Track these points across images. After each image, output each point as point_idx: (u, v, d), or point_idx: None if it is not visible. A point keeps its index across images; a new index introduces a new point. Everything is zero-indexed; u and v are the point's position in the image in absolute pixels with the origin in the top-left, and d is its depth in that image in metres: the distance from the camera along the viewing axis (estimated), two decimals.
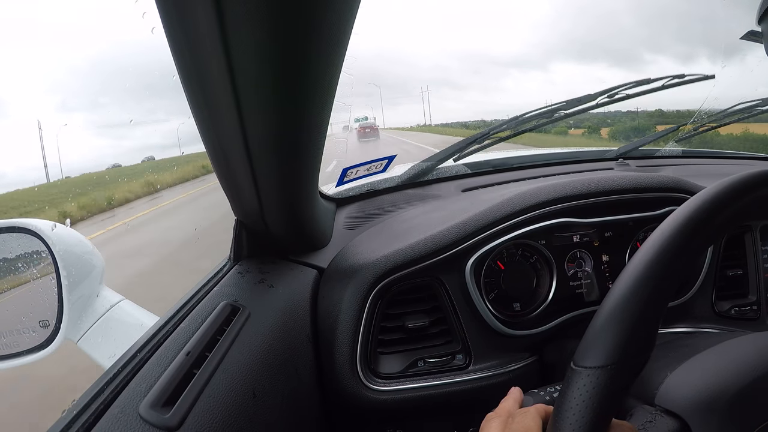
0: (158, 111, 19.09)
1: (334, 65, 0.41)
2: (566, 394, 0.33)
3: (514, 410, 0.49)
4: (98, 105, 41.71)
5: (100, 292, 0.68)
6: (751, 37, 0.86)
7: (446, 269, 0.76)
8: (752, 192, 0.37)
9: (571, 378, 0.33)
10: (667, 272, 0.34)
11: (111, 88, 45.57)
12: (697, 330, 0.81)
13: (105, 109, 38.86)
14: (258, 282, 0.68)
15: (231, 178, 0.58)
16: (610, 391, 0.32)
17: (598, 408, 0.31)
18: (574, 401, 0.32)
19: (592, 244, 0.82)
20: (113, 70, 37.14)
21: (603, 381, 0.32)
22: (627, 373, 0.33)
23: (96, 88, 40.05)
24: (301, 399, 0.64)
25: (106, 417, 0.40)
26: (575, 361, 0.34)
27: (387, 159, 1.00)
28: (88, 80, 40.71)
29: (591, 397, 0.32)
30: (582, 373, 0.33)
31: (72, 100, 44.21)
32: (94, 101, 43.70)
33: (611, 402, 0.32)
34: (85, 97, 43.44)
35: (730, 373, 0.42)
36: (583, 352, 0.34)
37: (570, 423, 0.32)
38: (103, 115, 41.18)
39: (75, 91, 42.85)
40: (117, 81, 51.37)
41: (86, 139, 34.56)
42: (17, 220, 0.64)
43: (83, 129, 37.35)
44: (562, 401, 0.33)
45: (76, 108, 43.86)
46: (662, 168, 1.19)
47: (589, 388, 0.32)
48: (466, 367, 0.76)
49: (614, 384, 0.32)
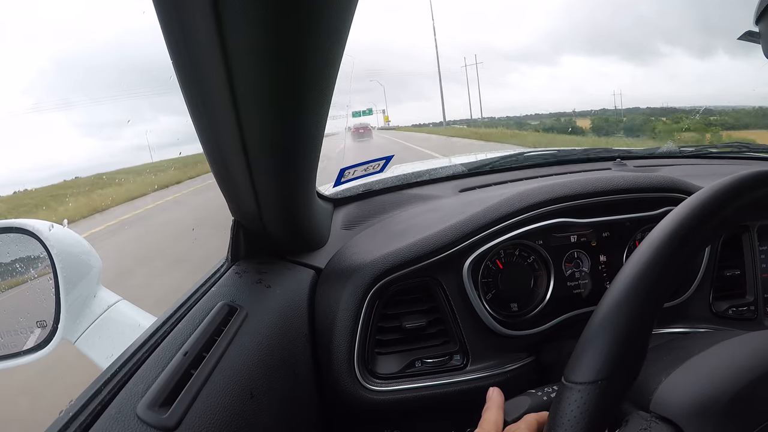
0: (144, 109, 18.99)
1: (331, 65, 0.41)
2: (557, 410, 0.33)
3: (499, 421, 0.47)
4: (71, 104, 40.85)
5: (97, 293, 0.68)
6: (748, 38, 0.87)
7: (444, 269, 0.76)
8: (749, 192, 0.37)
9: (563, 394, 0.33)
10: (665, 271, 0.34)
11: (83, 85, 44.15)
12: (694, 330, 0.81)
13: (85, 109, 38.08)
14: (255, 282, 0.68)
15: (228, 178, 0.58)
16: (601, 407, 0.32)
17: (590, 425, 0.31)
18: (566, 418, 0.32)
19: (590, 244, 0.82)
20: (87, 67, 36.29)
21: (594, 397, 0.32)
22: (618, 388, 0.33)
23: (69, 87, 39.02)
24: (299, 399, 0.64)
25: (103, 417, 0.40)
26: (566, 376, 0.34)
27: (384, 159, 1.01)
28: (58, 79, 39.28)
29: (582, 413, 0.32)
30: (573, 389, 0.33)
31: (46, 100, 43.25)
32: (65, 100, 42.74)
33: (603, 417, 0.32)
34: (57, 95, 42.25)
35: (727, 375, 0.42)
36: (574, 366, 0.34)
37: None
38: (82, 115, 40.40)
39: (48, 90, 41.44)
40: (90, 79, 50.00)
41: (75, 140, 34.14)
42: (14, 220, 0.64)
43: (70, 129, 36.88)
44: (554, 418, 0.33)
45: (52, 108, 42.92)
46: (660, 168, 1.19)
47: (580, 404, 0.32)
48: (464, 367, 0.76)
49: (606, 399, 0.32)
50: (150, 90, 7.87)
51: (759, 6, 0.42)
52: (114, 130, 26.67)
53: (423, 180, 1.17)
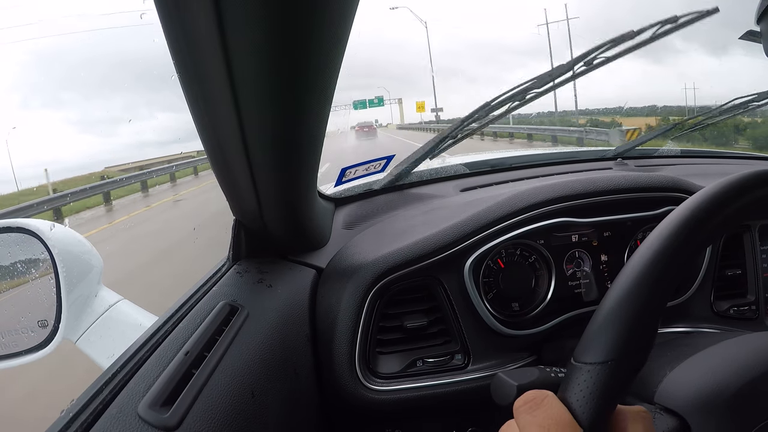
0: (139, 107, 18.79)
1: (333, 63, 0.41)
2: (566, 390, 0.33)
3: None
4: (62, 102, 39.80)
5: (98, 292, 0.68)
6: (749, 37, 0.86)
7: (445, 269, 0.76)
8: (751, 192, 0.37)
9: (571, 374, 0.33)
10: (667, 270, 0.34)
11: (74, 82, 42.41)
12: (696, 330, 0.81)
13: (78, 106, 37.12)
14: (257, 282, 0.68)
15: (229, 177, 0.58)
16: (609, 387, 0.32)
17: (599, 403, 0.32)
18: (574, 397, 0.32)
19: (591, 243, 0.82)
20: (76, 63, 34.73)
21: (603, 377, 0.32)
22: (627, 370, 0.33)
23: (57, 84, 37.63)
24: (300, 399, 0.64)
25: (104, 417, 0.40)
26: (575, 356, 0.34)
27: (386, 159, 1.00)
28: (46, 75, 37.69)
29: (591, 393, 0.32)
30: (582, 369, 0.33)
31: (33, 98, 41.74)
32: (55, 97, 41.51)
33: (611, 398, 0.32)
34: (47, 93, 40.59)
35: (729, 372, 0.42)
36: (583, 347, 0.34)
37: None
38: (75, 112, 39.46)
39: (34, 87, 39.68)
40: (78, 74, 48.33)
41: (73, 137, 33.58)
42: (16, 220, 0.64)
43: (65, 126, 36.19)
44: (563, 397, 0.33)
45: (40, 106, 41.89)
46: (661, 168, 1.19)
47: (590, 384, 0.32)
48: (465, 366, 0.76)
49: (614, 380, 0.32)
50: (143, 86, 7.76)
51: (760, 6, 0.42)
52: (109, 126, 26.31)
53: (424, 180, 1.17)
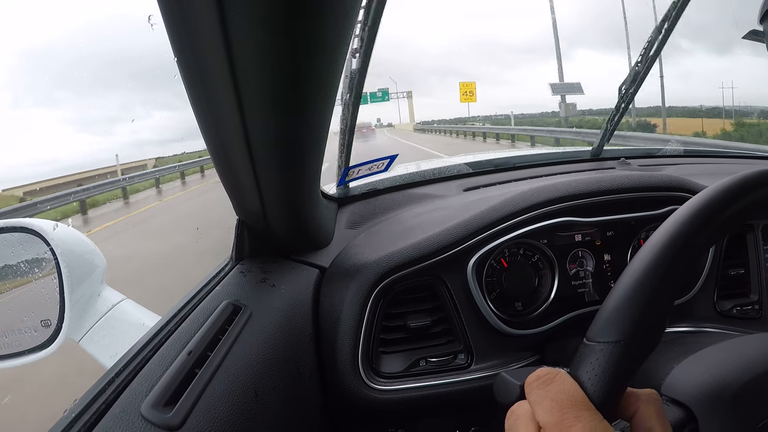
0: (135, 106, 18.63)
1: (336, 62, 0.41)
2: (579, 368, 0.33)
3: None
4: (55, 100, 39.56)
5: (101, 292, 0.68)
6: (752, 37, 0.86)
7: (448, 268, 0.76)
8: (754, 191, 0.37)
9: (584, 352, 0.33)
10: (674, 263, 0.35)
11: (67, 81, 41.86)
12: (700, 329, 0.81)
13: (73, 104, 36.95)
14: (260, 281, 0.68)
15: (233, 177, 0.58)
16: (622, 366, 0.32)
17: (610, 382, 0.32)
18: (586, 375, 0.32)
19: (594, 243, 0.82)
20: (68, 62, 34.55)
21: (615, 356, 0.32)
22: (640, 350, 0.33)
23: (49, 82, 37.38)
24: (303, 398, 0.64)
25: (107, 416, 0.40)
26: (588, 336, 0.34)
27: (389, 158, 1.00)
28: (38, 73, 37.38)
29: (603, 371, 0.32)
30: (595, 348, 0.33)
31: (24, 97, 41.35)
32: (49, 96, 41.19)
33: (622, 377, 0.32)
34: (39, 92, 40.10)
35: (736, 367, 0.43)
36: (598, 327, 0.34)
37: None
38: (71, 111, 39.24)
39: (26, 86, 39.18)
40: (71, 73, 48.19)
41: (70, 135, 33.42)
42: (19, 219, 0.64)
43: (61, 125, 36.05)
44: (575, 375, 0.33)
45: (32, 105, 41.50)
46: (664, 167, 1.19)
47: (602, 362, 0.32)
48: (468, 366, 0.76)
49: (625, 360, 0.32)
50: (138, 84, 7.78)
51: (763, 5, 0.42)
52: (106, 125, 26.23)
53: (427, 179, 1.17)
